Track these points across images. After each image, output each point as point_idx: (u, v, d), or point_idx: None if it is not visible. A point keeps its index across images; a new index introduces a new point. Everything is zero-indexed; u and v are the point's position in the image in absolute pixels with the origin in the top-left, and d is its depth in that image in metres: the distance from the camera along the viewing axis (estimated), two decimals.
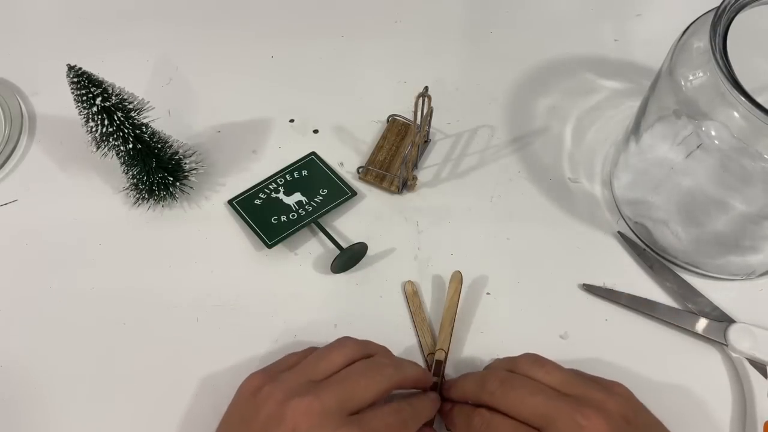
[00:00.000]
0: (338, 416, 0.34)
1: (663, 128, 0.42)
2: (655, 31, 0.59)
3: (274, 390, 0.36)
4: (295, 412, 0.34)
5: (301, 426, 0.34)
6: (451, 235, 0.49)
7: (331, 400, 0.34)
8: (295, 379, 0.37)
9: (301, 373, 0.37)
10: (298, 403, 0.34)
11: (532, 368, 0.38)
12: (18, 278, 0.48)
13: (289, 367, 0.38)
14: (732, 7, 0.37)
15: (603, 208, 0.51)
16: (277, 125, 0.55)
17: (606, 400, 0.35)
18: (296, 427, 0.34)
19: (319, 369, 0.37)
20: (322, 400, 0.34)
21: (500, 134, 0.54)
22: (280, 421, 0.34)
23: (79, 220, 0.50)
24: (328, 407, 0.34)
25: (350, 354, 0.38)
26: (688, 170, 0.41)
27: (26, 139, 0.54)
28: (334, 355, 0.38)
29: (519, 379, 0.37)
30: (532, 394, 0.35)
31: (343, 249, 0.46)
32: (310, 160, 0.52)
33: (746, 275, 0.47)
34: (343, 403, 0.35)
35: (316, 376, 0.37)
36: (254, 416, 0.36)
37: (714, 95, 0.37)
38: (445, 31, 0.61)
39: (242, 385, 0.38)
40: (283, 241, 0.48)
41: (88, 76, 0.42)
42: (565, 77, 0.58)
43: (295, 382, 0.36)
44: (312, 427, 0.34)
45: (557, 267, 0.48)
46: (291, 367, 0.38)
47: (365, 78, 0.58)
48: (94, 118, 0.43)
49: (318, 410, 0.34)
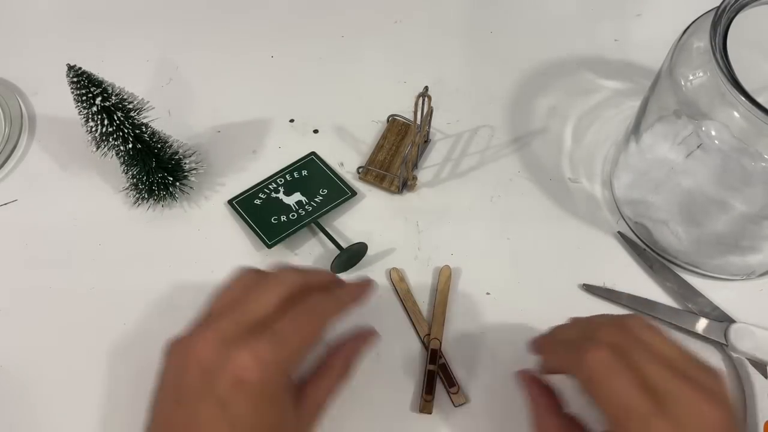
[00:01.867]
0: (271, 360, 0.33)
1: (663, 128, 0.42)
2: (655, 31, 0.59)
3: (205, 343, 0.33)
4: (200, 345, 0.33)
5: (203, 361, 0.32)
6: (451, 235, 0.49)
7: (267, 353, 0.32)
8: (227, 326, 0.34)
9: (231, 318, 0.34)
10: (204, 336, 0.33)
11: (647, 333, 0.34)
12: (18, 278, 0.48)
13: (220, 310, 0.36)
14: (732, 7, 0.37)
15: (603, 208, 0.51)
16: (277, 125, 0.55)
17: (721, 388, 0.32)
18: (238, 377, 0.32)
19: (252, 311, 0.34)
20: (257, 353, 0.32)
21: (500, 134, 0.54)
22: (185, 366, 0.33)
23: (78, 220, 0.50)
24: (263, 358, 0.32)
25: (286, 292, 0.36)
26: (688, 170, 0.41)
27: (26, 139, 0.54)
28: (269, 294, 0.35)
29: (636, 341, 0.33)
30: (652, 363, 0.32)
31: (342, 249, 0.46)
32: (310, 160, 0.52)
33: (746, 275, 0.47)
34: (279, 354, 0.33)
35: (249, 319, 0.34)
36: (186, 372, 0.33)
37: (714, 95, 0.37)
38: (445, 31, 0.61)
39: (172, 344, 0.35)
40: (283, 241, 0.48)
41: (88, 76, 0.42)
42: (565, 77, 0.58)
43: (227, 331, 0.33)
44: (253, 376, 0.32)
45: (557, 267, 0.48)
46: (222, 310, 0.35)
47: (365, 78, 0.58)
48: (93, 118, 0.43)
49: (251, 365, 0.32)
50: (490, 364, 0.44)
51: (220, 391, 0.32)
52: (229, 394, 0.32)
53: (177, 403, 0.33)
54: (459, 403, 0.42)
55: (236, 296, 0.36)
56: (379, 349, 0.44)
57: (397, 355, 0.44)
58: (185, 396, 0.33)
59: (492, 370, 0.44)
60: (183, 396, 0.33)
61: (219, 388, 0.32)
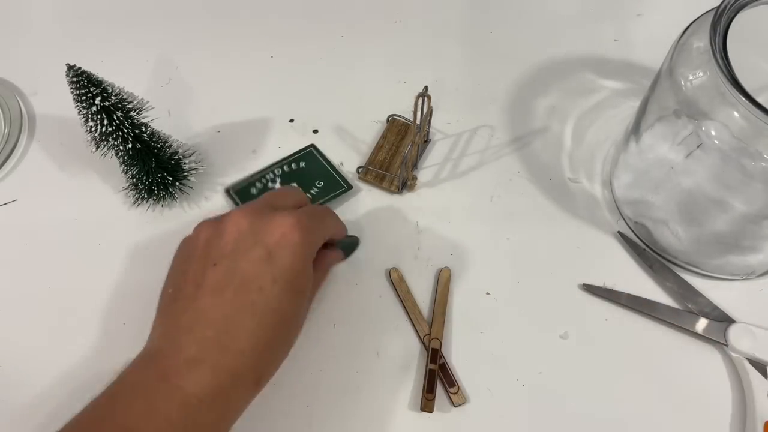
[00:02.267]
0: None
1: (663, 128, 0.42)
2: (655, 31, 0.59)
3: (241, 217, 0.37)
4: (233, 219, 0.36)
5: (242, 228, 0.36)
6: (451, 235, 0.49)
7: (305, 221, 0.37)
8: (260, 207, 0.38)
9: (262, 203, 0.39)
10: (236, 215, 0.37)
11: None
12: (17, 278, 0.48)
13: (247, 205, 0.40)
14: (732, 7, 0.37)
15: (603, 208, 0.51)
16: (276, 125, 0.55)
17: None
18: (284, 234, 0.36)
19: (278, 203, 0.40)
20: (299, 218, 0.37)
21: (500, 134, 0.54)
22: (220, 234, 0.36)
23: (78, 220, 0.50)
24: (304, 223, 0.37)
25: (297, 199, 0.42)
26: (688, 170, 0.41)
27: (26, 139, 0.54)
28: (287, 196, 0.41)
29: None
30: None
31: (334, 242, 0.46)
32: (309, 152, 0.53)
33: (746, 275, 0.47)
34: (315, 225, 0.39)
35: (281, 206, 0.39)
36: (195, 246, 0.37)
37: (714, 95, 0.37)
38: (445, 31, 0.61)
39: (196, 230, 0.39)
40: None
41: (88, 76, 0.42)
42: (565, 77, 0.58)
43: (262, 209, 0.38)
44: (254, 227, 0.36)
45: (557, 267, 0.48)
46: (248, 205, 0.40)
47: (365, 78, 0.58)
48: (93, 118, 0.43)
49: (295, 226, 0.37)
50: (489, 364, 0.44)
51: (266, 245, 0.36)
52: (276, 248, 0.36)
53: (209, 265, 0.36)
54: (458, 403, 0.42)
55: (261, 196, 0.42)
56: (379, 348, 0.44)
57: (397, 355, 0.44)
58: (222, 255, 0.36)
59: (492, 370, 0.44)
60: (218, 257, 0.36)
61: (265, 243, 0.36)
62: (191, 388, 0.32)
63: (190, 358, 0.33)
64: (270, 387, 0.43)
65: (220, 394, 0.33)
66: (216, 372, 0.33)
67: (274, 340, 0.35)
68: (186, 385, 0.32)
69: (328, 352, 0.44)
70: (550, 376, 0.44)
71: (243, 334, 0.34)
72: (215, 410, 0.33)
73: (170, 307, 0.36)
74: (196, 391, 0.32)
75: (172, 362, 0.33)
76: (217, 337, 0.33)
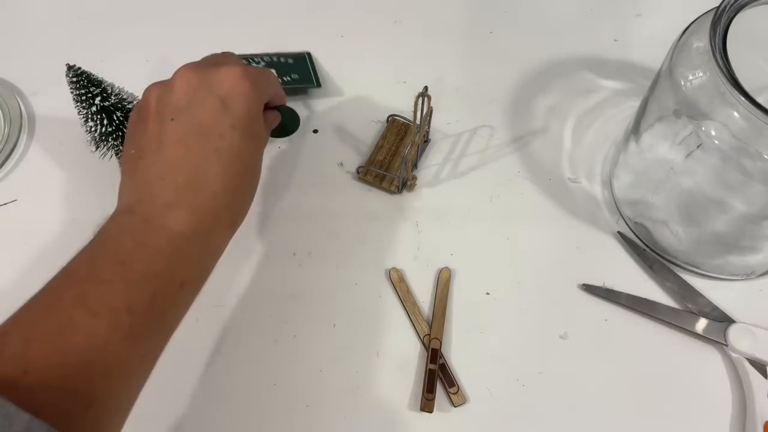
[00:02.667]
0: None
1: (663, 128, 0.42)
2: (655, 31, 0.59)
3: (189, 72, 0.39)
4: (181, 76, 0.38)
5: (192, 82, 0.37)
6: (451, 235, 0.49)
7: (251, 71, 0.39)
8: (192, 66, 0.40)
9: (193, 63, 0.40)
10: (183, 71, 0.38)
11: None
12: (17, 278, 0.48)
13: None
14: (732, 7, 0.37)
15: (603, 208, 0.51)
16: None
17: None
18: (233, 83, 0.37)
19: (212, 60, 0.41)
20: (245, 69, 0.38)
21: (500, 134, 0.54)
22: (171, 91, 0.38)
23: (78, 220, 0.50)
24: (250, 73, 0.39)
25: (236, 59, 0.42)
26: (688, 170, 0.41)
27: (25, 139, 0.54)
28: (228, 57, 0.43)
29: None
30: None
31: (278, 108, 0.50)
32: (302, 56, 0.57)
33: (746, 275, 0.47)
34: (260, 76, 0.40)
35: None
36: (148, 107, 0.38)
37: (714, 95, 0.37)
38: (445, 31, 0.61)
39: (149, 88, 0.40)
40: None
41: (88, 76, 0.42)
42: (565, 77, 0.58)
43: (208, 63, 0.40)
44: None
45: (557, 267, 0.48)
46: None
47: (365, 78, 0.58)
48: (93, 118, 0.43)
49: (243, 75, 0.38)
50: (489, 364, 0.44)
51: (220, 95, 0.37)
52: (229, 97, 0.37)
53: (166, 119, 0.37)
54: (458, 403, 0.42)
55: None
56: (379, 348, 0.44)
57: (397, 355, 0.44)
58: (177, 110, 0.37)
59: (491, 370, 0.44)
60: (173, 111, 0.37)
61: (218, 93, 0.37)
62: (174, 225, 0.34)
63: (167, 202, 0.35)
64: (270, 387, 0.43)
65: (201, 231, 0.35)
66: (195, 212, 0.35)
67: (242, 185, 0.37)
68: (169, 223, 0.34)
69: (328, 352, 0.44)
70: (550, 376, 0.44)
71: (213, 178, 0.36)
72: (199, 245, 0.35)
73: (137, 165, 0.37)
74: (180, 228, 0.34)
75: (151, 208, 0.35)
76: (190, 182, 0.35)
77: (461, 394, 0.43)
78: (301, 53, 0.57)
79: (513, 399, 0.43)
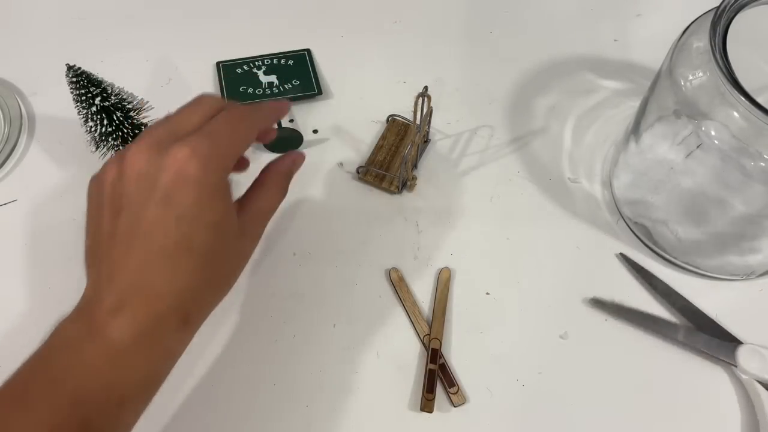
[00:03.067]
0: None
1: (663, 128, 0.42)
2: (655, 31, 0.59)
3: (139, 151, 0.34)
4: (131, 158, 0.34)
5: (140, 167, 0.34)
6: (451, 235, 0.49)
7: (205, 148, 0.34)
8: (159, 134, 0.35)
9: (163, 128, 0.35)
10: (134, 151, 0.34)
11: None
12: (17, 278, 0.48)
13: (149, 131, 0.36)
14: (732, 7, 0.37)
15: (603, 208, 0.51)
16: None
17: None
18: (179, 171, 0.33)
19: (183, 121, 0.36)
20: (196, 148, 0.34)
21: (500, 134, 0.54)
22: (121, 176, 0.34)
23: (78, 221, 0.50)
24: (202, 152, 0.34)
25: (216, 106, 0.37)
26: (688, 170, 0.41)
27: (25, 139, 0.54)
28: (200, 108, 0.37)
29: None
30: None
31: (280, 128, 0.51)
32: (302, 55, 0.57)
33: (746, 275, 0.47)
34: (217, 149, 0.34)
35: (181, 128, 0.35)
36: (102, 191, 0.35)
37: (714, 95, 0.37)
38: (445, 31, 0.61)
39: (101, 170, 0.36)
40: None
41: (87, 76, 0.42)
42: (565, 77, 0.58)
43: (160, 137, 0.35)
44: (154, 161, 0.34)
45: (557, 267, 0.48)
46: (151, 130, 0.36)
47: (365, 78, 0.58)
48: (93, 118, 0.43)
49: (191, 158, 0.33)
50: (489, 364, 0.44)
51: (162, 187, 0.33)
52: (173, 189, 0.33)
53: (117, 212, 0.34)
54: (458, 403, 0.42)
55: (162, 120, 0.37)
56: (379, 348, 0.44)
57: (397, 355, 0.44)
58: (126, 203, 0.34)
59: (491, 370, 0.44)
60: (124, 204, 0.34)
61: (161, 185, 0.33)
62: (116, 335, 0.32)
63: (111, 308, 0.33)
64: (270, 387, 0.43)
65: (144, 338, 0.33)
66: (137, 317, 0.33)
67: (197, 280, 0.34)
68: (111, 333, 0.32)
69: (328, 352, 0.44)
70: (550, 376, 0.44)
71: (158, 278, 0.33)
72: (142, 354, 0.33)
73: (92, 259, 0.36)
74: (122, 338, 0.32)
75: (97, 313, 0.33)
76: (135, 284, 0.33)
77: (461, 394, 0.43)
78: (301, 52, 0.58)
79: (513, 399, 0.43)
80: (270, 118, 0.40)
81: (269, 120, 0.40)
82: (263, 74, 0.56)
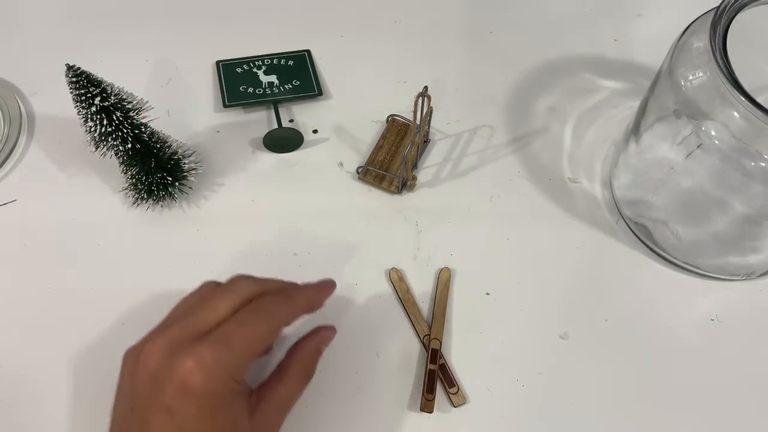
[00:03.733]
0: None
1: (663, 128, 0.42)
2: (655, 31, 0.59)
3: (154, 350, 0.34)
4: (147, 352, 0.34)
5: (151, 367, 0.34)
6: (451, 235, 0.49)
7: (210, 358, 0.33)
8: (176, 333, 0.35)
9: (181, 325, 0.35)
10: (151, 345, 0.34)
11: None
12: (16, 278, 0.48)
13: (173, 319, 0.37)
14: (732, 7, 0.37)
15: (603, 208, 0.51)
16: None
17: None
18: (182, 384, 0.33)
19: (202, 318, 0.35)
20: (200, 358, 0.33)
21: (500, 134, 0.54)
22: (137, 372, 0.34)
23: (77, 221, 0.50)
24: (206, 363, 0.33)
25: (240, 299, 0.36)
26: (688, 170, 0.41)
27: (25, 139, 0.54)
28: (223, 302, 0.36)
29: None
30: None
31: (280, 127, 0.51)
32: (302, 56, 0.58)
33: (746, 275, 0.47)
34: (223, 359, 0.34)
35: (198, 326, 0.35)
36: (123, 380, 0.35)
37: (714, 95, 0.37)
38: (445, 31, 0.61)
39: (127, 352, 0.36)
40: (239, 107, 0.55)
41: (87, 76, 0.42)
42: (565, 77, 0.58)
43: (176, 338, 0.34)
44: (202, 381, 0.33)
45: (557, 267, 0.48)
46: (175, 319, 0.36)
47: (365, 78, 0.58)
48: (92, 118, 0.43)
49: (194, 370, 0.33)
50: (489, 364, 0.44)
51: (167, 398, 0.33)
52: (175, 401, 0.33)
53: (130, 410, 0.35)
54: (458, 403, 0.42)
55: (191, 305, 0.37)
56: (379, 348, 0.44)
57: (397, 355, 0.44)
58: (137, 403, 0.34)
59: (491, 370, 0.44)
60: (135, 403, 0.34)
61: (166, 396, 0.33)
62: None
63: None
64: None
65: None
66: None
67: None
68: None
69: (328, 352, 0.44)
70: (550, 376, 0.44)
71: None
72: None
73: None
74: None
75: None
76: None
77: (461, 395, 0.42)
78: (301, 52, 0.58)
79: (513, 399, 0.43)
80: (304, 308, 0.38)
81: (303, 311, 0.38)
82: (263, 74, 0.56)
